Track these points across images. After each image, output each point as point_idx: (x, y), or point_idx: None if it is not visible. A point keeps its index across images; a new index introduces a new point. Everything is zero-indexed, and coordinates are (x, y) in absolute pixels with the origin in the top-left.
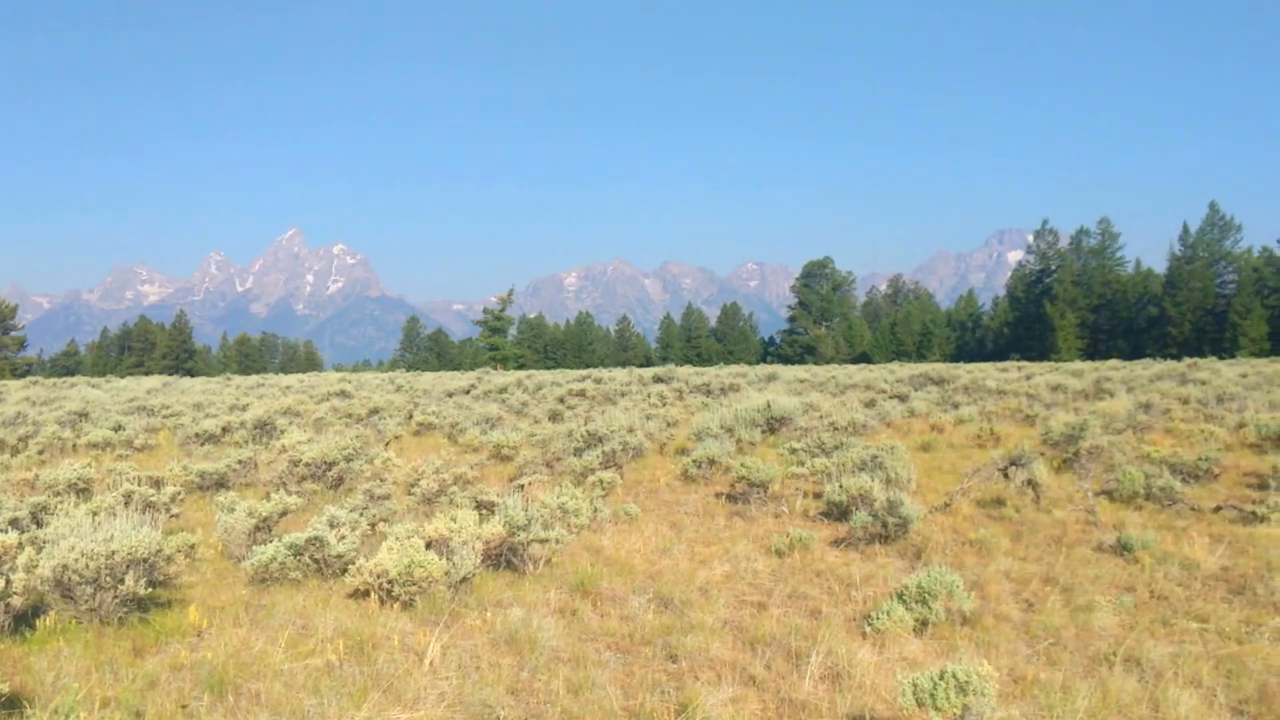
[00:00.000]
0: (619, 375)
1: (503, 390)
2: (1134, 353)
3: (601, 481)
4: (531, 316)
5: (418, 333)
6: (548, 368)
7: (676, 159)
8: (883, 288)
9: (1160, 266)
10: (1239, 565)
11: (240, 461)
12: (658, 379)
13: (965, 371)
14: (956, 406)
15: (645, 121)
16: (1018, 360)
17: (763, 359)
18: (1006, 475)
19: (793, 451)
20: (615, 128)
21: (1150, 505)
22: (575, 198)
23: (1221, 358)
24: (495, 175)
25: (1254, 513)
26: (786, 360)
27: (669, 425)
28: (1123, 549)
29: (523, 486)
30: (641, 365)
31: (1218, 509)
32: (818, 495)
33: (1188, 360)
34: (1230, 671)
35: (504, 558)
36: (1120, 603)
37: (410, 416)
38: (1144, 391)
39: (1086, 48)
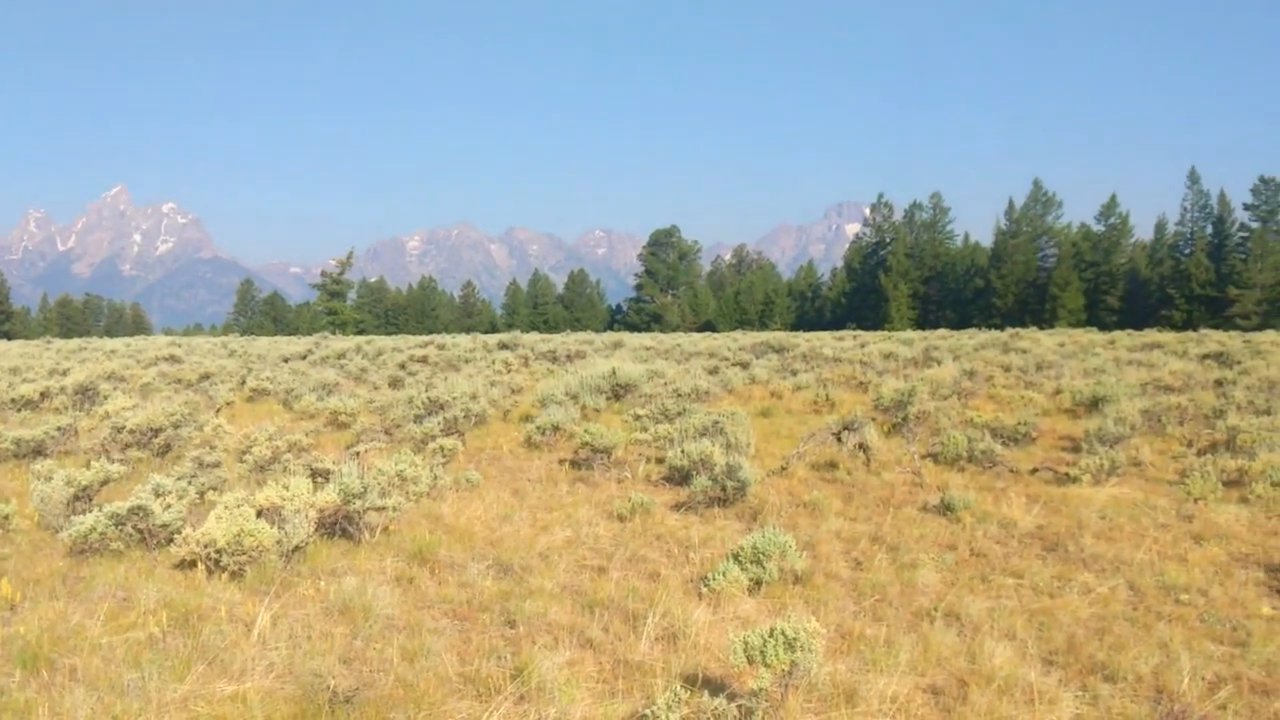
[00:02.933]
0: (463, 341)
1: (341, 356)
2: (961, 322)
3: (442, 449)
4: (372, 280)
5: (253, 296)
6: (389, 333)
7: (523, 124)
8: (727, 257)
9: (987, 240)
10: (1053, 524)
11: (59, 428)
12: (503, 345)
13: (804, 340)
14: (795, 374)
15: (491, 87)
16: (854, 329)
17: (610, 326)
18: (840, 439)
19: (637, 418)
20: (459, 90)
21: (973, 467)
22: (419, 160)
23: (1041, 328)
24: (335, 133)
25: (1068, 474)
26: (633, 328)
27: (514, 392)
28: (946, 509)
29: (359, 454)
30: (487, 332)
31: (1035, 470)
32: (660, 460)
33: (1010, 330)
34: (1042, 624)
35: (339, 526)
36: (942, 560)
37: (243, 382)
38: (969, 359)
39: (920, 27)
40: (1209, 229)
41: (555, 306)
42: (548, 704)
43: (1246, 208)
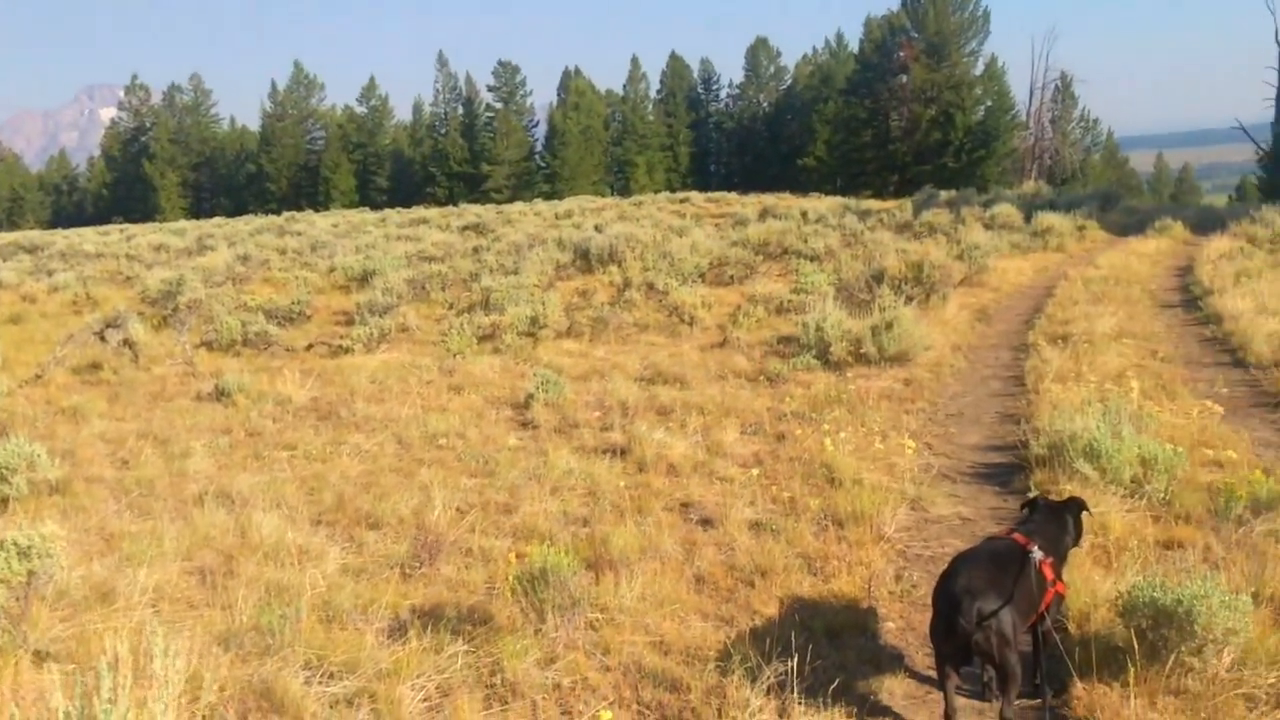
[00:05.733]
0: None
1: None
2: (238, 209)
3: None
4: None
5: None
6: None
7: None
8: None
9: (256, 124)
10: (327, 394)
11: None
12: None
13: (62, 237)
14: (51, 274)
15: None
16: (121, 222)
17: None
18: (103, 338)
19: None
20: None
21: (249, 350)
22: None
23: (317, 210)
24: None
25: (342, 346)
26: None
27: None
28: (221, 395)
29: None
30: None
31: (310, 346)
32: None
33: (287, 214)
34: (313, 489)
35: None
36: (216, 445)
37: None
38: (245, 245)
39: None
40: (460, 110)
41: None
42: None
43: (490, 89)
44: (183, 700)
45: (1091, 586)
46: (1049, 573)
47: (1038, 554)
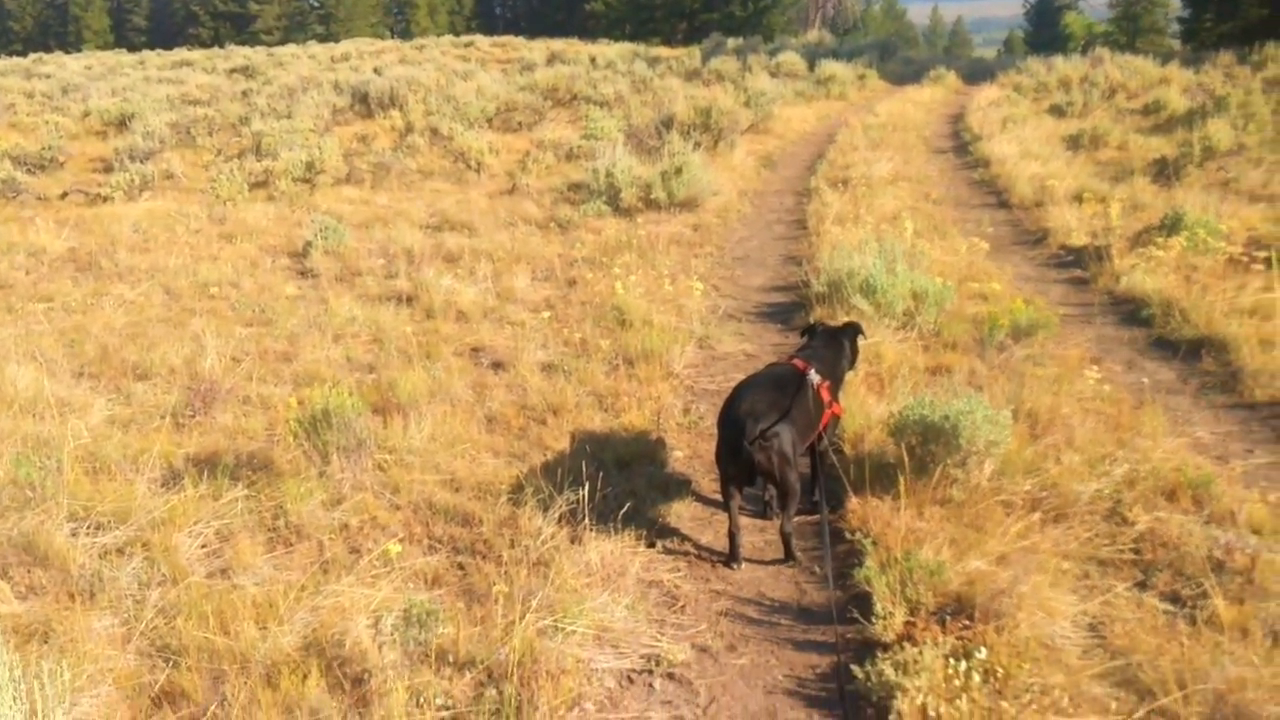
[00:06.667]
0: None
1: None
2: None
3: None
4: None
5: None
6: None
7: None
8: None
9: None
10: (86, 244)
11: None
12: None
13: None
14: None
15: None
16: None
17: None
18: None
19: None
20: None
21: None
22: None
23: (68, 52)
24: None
25: (100, 194)
26: None
27: None
28: None
29: None
30: None
31: (65, 195)
32: None
33: (34, 56)
34: (73, 341)
35: None
36: None
37: None
38: None
39: None
40: None
41: None
42: None
43: None
44: None
45: (866, 410)
46: (826, 395)
47: (815, 377)
